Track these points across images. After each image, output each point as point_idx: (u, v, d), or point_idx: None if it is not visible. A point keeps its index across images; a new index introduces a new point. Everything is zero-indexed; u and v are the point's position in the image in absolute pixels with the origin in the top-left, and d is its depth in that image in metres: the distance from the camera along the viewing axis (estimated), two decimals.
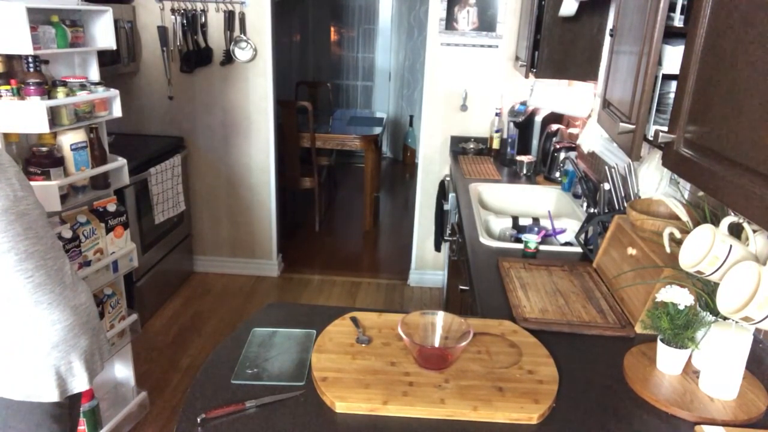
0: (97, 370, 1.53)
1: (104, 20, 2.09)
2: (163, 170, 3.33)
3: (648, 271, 1.47)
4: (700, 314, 1.25)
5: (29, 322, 1.34)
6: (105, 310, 2.16)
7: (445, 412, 1.14)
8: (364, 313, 1.49)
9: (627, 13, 1.48)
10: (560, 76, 2.77)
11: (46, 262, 1.36)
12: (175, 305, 3.60)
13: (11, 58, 1.79)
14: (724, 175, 0.92)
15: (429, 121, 3.68)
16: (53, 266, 1.38)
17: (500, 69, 3.53)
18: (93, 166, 2.01)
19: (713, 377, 1.20)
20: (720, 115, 0.96)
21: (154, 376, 2.86)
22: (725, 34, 0.96)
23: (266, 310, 1.57)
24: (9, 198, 1.29)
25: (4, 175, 1.30)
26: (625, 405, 1.20)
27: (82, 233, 1.98)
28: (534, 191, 2.84)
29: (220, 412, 1.12)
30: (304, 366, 1.28)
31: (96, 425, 2.13)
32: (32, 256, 1.32)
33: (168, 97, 3.70)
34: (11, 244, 1.28)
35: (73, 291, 1.44)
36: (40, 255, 1.34)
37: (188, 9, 3.52)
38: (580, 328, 1.47)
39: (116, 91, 2.08)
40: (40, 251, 1.35)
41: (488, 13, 3.44)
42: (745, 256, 1.11)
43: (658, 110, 1.30)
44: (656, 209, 1.64)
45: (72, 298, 1.43)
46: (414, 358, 1.28)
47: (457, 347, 1.26)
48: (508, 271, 1.81)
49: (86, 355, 1.46)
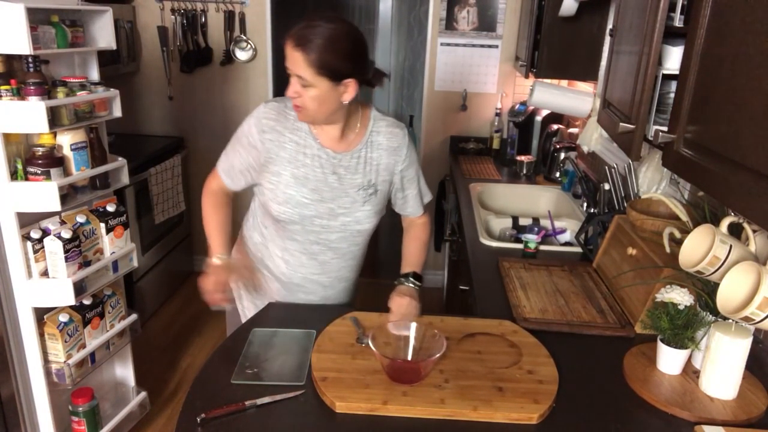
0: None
1: (104, 20, 2.09)
2: (163, 170, 3.33)
3: (648, 271, 1.47)
4: (700, 314, 1.25)
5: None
6: (105, 310, 2.16)
7: (445, 412, 1.14)
8: (364, 313, 1.49)
9: (627, 13, 1.48)
10: (560, 76, 2.77)
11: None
12: (175, 305, 3.60)
13: (11, 58, 1.79)
14: (724, 175, 0.92)
15: (429, 121, 3.68)
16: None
17: (500, 69, 3.53)
18: (93, 166, 2.00)
19: (713, 377, 1.20)
20: (720, 115, 0.96)
21: (154, 376, 2.86)
22: (725, 33, 0.96)
23: (266, 310, 1.57)
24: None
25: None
26: (625, 405, 1.20)
27: (82, 233, 1.98)
28: (534, 191, 2.84)
29: (219, 412, 1.12)
30: (304, 366, 1.28)
31: (96, 425, 2.13)
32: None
33: (168, 97, 3.70)
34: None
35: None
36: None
37: (188, 9, 3.52)
38: (580, 328, 1.47)
39: (116, 91, 2.08)
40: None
41: (488, 13, 3.44)
42: (745, 256, 1.11)
43: (658, 110, 1.30)
44: (656, 209, 1.64)
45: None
46: (384, 371, 1.23)
47: (429, 360, 1.21)
48: (508, 271, 1.81)
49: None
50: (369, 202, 1.53)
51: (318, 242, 1.56)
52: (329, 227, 1.53)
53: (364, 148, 1.52)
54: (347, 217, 1.52)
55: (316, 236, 1.55)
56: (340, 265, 1.62)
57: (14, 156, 1.82)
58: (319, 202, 1.50)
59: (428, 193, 1.70)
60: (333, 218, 1.52)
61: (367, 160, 1.53)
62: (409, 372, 1.22)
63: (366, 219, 1.54)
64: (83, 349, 2.07)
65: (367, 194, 1.53)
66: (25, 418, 2.02)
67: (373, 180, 1.53)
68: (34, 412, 2.03)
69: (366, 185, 1.52)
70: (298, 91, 1.37)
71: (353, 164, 1.51)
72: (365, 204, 1.53)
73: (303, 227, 1.53)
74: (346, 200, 1.51)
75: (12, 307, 1.90)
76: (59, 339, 1.97)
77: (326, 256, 1.59)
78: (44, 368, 1.98)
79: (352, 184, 1.52)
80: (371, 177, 1.53)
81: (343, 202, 1.51)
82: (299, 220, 1.51)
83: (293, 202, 1.49)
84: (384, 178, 1.55)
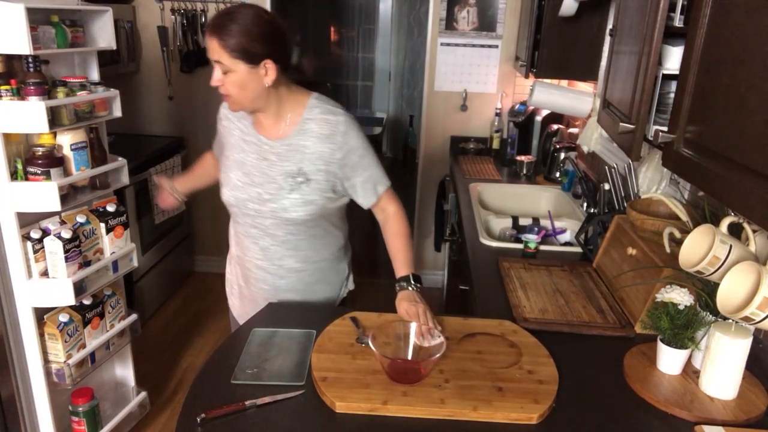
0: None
1: (104, 20, 2.09)
2: (163, 170, 3.33)
3: (648, 271, 1.47)
4: (700, 314, 1.25)
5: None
6: (105, 310, 2.16)
7: (444, 412, 1.14)
8: (364, 313, 1.49)
9: (627, 13, 1.48)
10: (560, 76, 2.77)
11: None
12: (175, 305, 3.60)
13: (11, 58, 1.79)
14: (724, 175, 0.92)
15: (429, 121, 3.68)
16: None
17: (500, 69, 3.53)
18: (93, 166, 2.00)
19: (713, 377, 1.20)
20: (720, 115, 0.96)
21: (154, 376, 2.86)
22: (725, 33, 0.96)
23: (266, 310, 1.57)
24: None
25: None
26: (624, 405, 1.20)
27: (82, 233, 1.98)
28: (534, 191, 2.84)
29: (220, 412, 1.12)
30: (304, 366, 1.28)
31: (96, 425, 2.13)
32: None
33: (168, 97, 3.70)
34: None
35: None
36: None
37: (188, 9, 3.52)
38: (580, 328, 1.47)
39: (116, 91, 2.08)
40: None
41: (488, 13, 3.44)
42: (745, 256, 1.11)
43: (658, 110, 1.30)
44: (656, 209, 1.64)
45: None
46: (385, 372, 1.23)
47: (429, 360, 1.21)
48: (508, 271, 1.81)
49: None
50: (297, 191, 1.53)
51: (255, 226, 1.61)
52: (261, 212, 1.57)
53: (297, 135, 1.54)
54: (274, 204, 1.54)
55: (252, 220, 1.60)
56: (281, 253, 1.63)
57: (14, 156, 1.82)
58: (249, 186, 1.56)
59: (383, 180, 1.62)
60: (262, 203, 1.56)
61: (299, 148, 1.53)
62: (409, 372, 1.22)
63: (293, 207, 1.54)
64: (83, 349, 2.07)
65: (295, 182, 1.53)
66: (25, 418, 2.02)
67: (304, 168, 1.53)
68: (34, 412, 2.03)
69: (295, 173, 1.53)
70: (220, 78, 1.45)
71: (284, 151, 1.54)
72: (292, 192, 1.53)
73: (240, 210, 1.60)
74: (273, 186, 1.54)
75: (12, 307, 1.90)
76: (59, 339, 1.97)
77: (265, 241, 1.62)
78: (44, 368, 1.99)
79: (281, 171, 1.54)
80: (302, 165, 1.53)
81: (270, 188, 1.54)
82: (235, 203, 1.60)
83: (231, 185, 1.59)
84: (319, 168, 1.53)
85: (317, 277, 1.70)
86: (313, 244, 1.65)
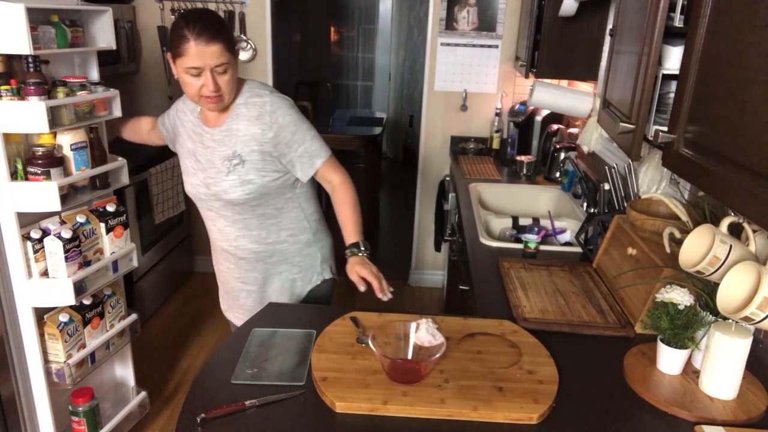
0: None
1: (104, 20, 2.09)
2: (163, 170, 3.33)
3: (648, 271, 1.47)
4: (700, 314, 1.25)
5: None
6: (105, 310, 2.16)
7: (445, 412, 1.14)
8: (364, 313, 1.49)
9: (627, 13, 1.48)
10: (560, 76, 2.77)
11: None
12: (175, 305, 3.60)
13: (11, 58, 1.78)
14: (724, 175, 0.92)
15: (429, 121, 3.68)
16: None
17: (500, 69, 3.53)
18: (93, 166, 2.00)
19: (713, 377, 1.20)
20: (720, 114, 0.96)
21: (154, 376, 2.86)
22: (725, 33, 0.96)
23: (266, 310, 1.57)
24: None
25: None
26: (624, 405, 1.20)
27: (82, 233, 1.98)
28: (534, 191, 2.84)
29: (220, 412, 1.12)
30: (304, 366, 1.28)
31: (96, 425, 2.13)
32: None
33: (168, 97, 3.70)
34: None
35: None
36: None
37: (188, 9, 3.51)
38: (580, 328, 1.47)
39: (116, 91, 2.07)
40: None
41: (488, 13, 3.44)
42: (745, 256, 1.11)
43: (658, 110, 1.30)
44: (656, 209, 1.64)
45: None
46: (385, 372, 1.23)
47: (429, 360, 1.21)
48: (508, 271, 1.81)
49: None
50: (234, 173, 1.61)
51: (210, 209, 1.73)
52: (209, 195, 1.68)
53: (230, 121, 1.63)
54: (216, 187, 1.64)
55: (205, 203, 1.72)
56: (235, 233, 1.73)
57: (14, 156, 1.82)
58: (199, 172, 1.69)
59: (320, 152, 1.66)
60: (206, 187, 1.67)
61: (233, 132, 1.62)
62: (410, 372, 1.22)
63: (231, 189, 1.62)
64: (83, 349, 2.07)
65: (231, 165, 1.61)
66: (25, 418, 2.02)
67: (238, 151, 1.61)
68: (34, 412, 2.03)
69: (231, 156, 1.62)
70: (216, 82, 1.51)
71: (221, 137, 1.64)
72: (229, 174, 1.62)
73: (196, 196, 1.73)
74: (213, 170, 1.64)
75: (12, 307, 1.90)
76: (59, 339, 1.97)
77: (220, 223, 1.73)
78: (44, 368, 1.99)
79: (219, 156, 1.63)
80: (236, 148, 1.62)
81: (211, 173, 1.65)
82: (191, 190, 1.73)
83: (187, 172, 1.74)
84: (252, 148, 1.61)
85: (277, 258, 1.76)
86: (264, 224, 1.71)
